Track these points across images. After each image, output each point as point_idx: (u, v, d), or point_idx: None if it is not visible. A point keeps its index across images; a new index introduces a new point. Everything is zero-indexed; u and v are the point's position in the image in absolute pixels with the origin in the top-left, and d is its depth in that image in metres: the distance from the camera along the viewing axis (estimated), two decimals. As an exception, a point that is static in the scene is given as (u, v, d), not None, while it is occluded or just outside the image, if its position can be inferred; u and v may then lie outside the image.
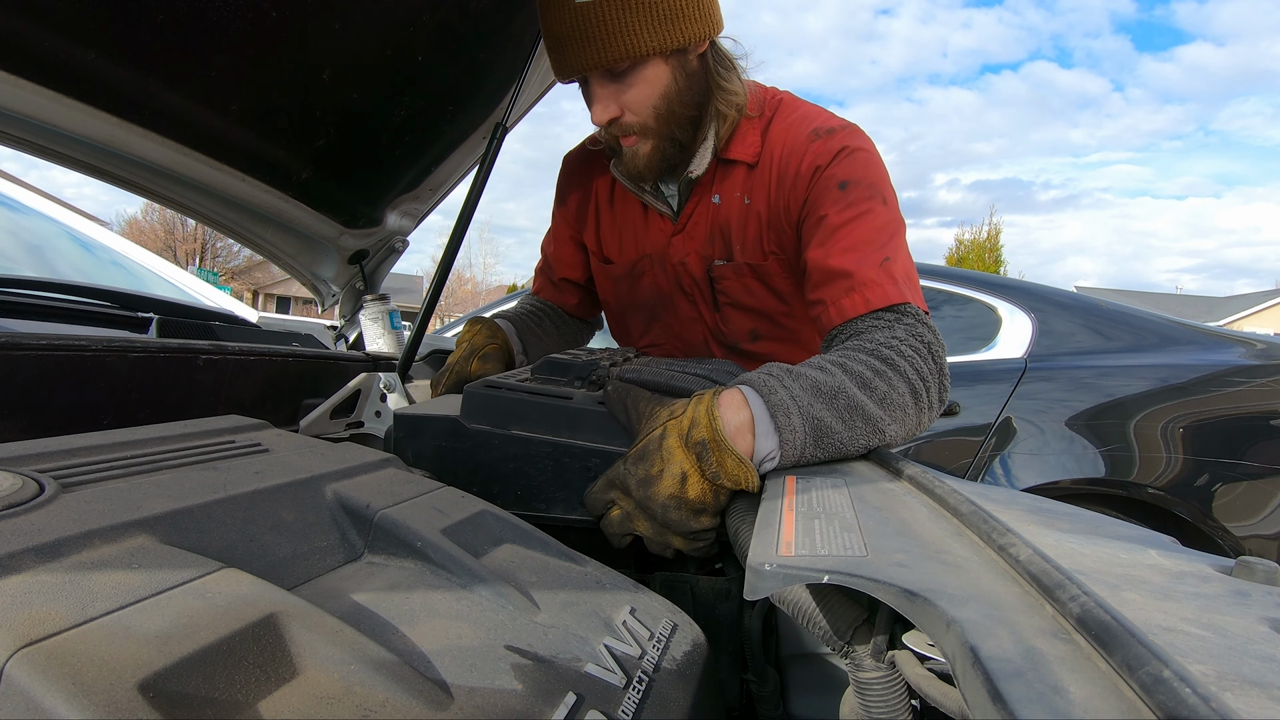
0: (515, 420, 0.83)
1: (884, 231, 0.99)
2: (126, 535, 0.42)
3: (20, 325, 1.07)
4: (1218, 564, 0.46)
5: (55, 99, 1.01)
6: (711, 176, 1.15)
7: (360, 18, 1.15)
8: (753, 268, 1.16)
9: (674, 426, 0.74)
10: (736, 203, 1.14)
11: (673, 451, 0.72)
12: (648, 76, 1.03)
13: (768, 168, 1.11)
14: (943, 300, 2.54)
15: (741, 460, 0.71)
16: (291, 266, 1.73)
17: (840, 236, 0.99)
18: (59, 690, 0.29)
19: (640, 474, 0.72)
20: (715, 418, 0.73)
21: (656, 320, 1.31)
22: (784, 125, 1.11)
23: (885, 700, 0.50)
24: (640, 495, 0.71)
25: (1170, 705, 0.26)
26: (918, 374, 0.86)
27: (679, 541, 0.72)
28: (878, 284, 0.95)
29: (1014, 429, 2.22)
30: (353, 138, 1.40)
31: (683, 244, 1.20)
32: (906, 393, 0.83)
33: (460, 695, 0.39)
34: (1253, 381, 2.23)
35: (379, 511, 0.55)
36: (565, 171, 1.36)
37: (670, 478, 0.71)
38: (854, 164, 1.04)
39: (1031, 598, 0.39)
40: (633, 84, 1.03)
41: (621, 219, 1.28)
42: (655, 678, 0.48)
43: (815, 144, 1.06)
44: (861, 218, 1.00)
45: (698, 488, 0.71)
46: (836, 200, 1.02)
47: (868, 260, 0.96)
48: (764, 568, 0.46)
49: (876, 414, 0.79)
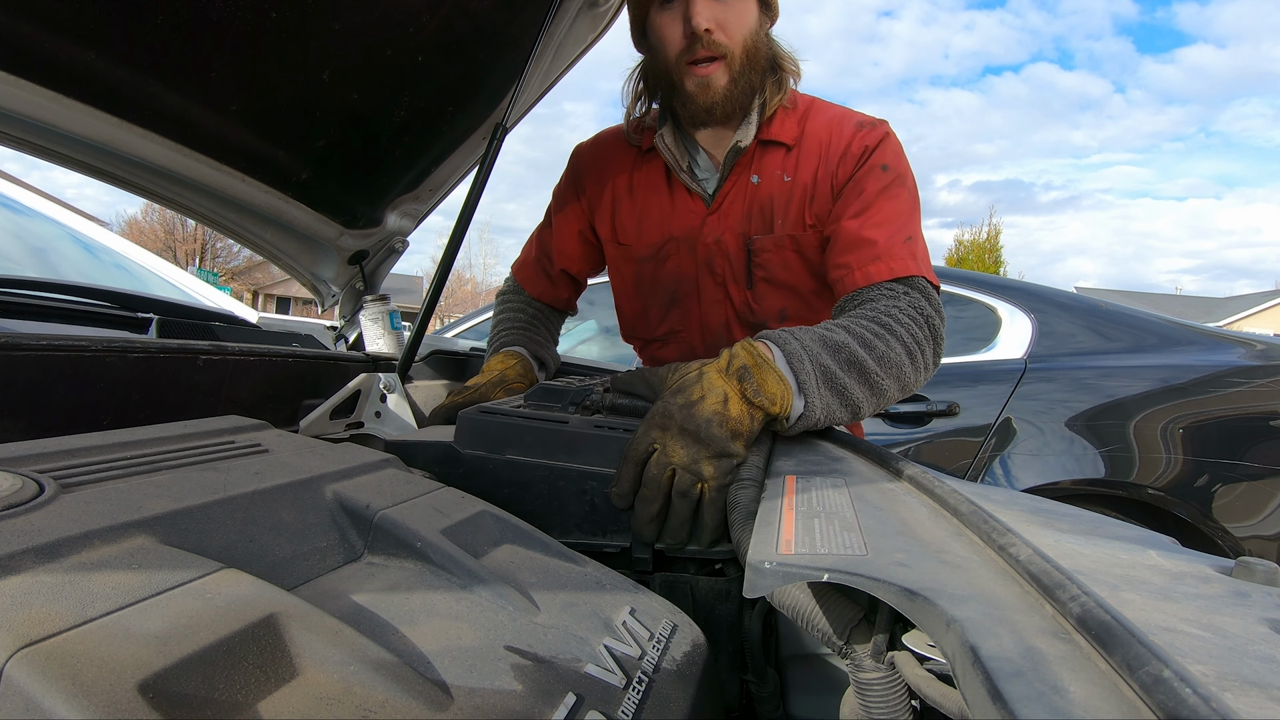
0: (510, 445, 0.83)
1: (911, 214, 1.13)
2: (126, 536, 0.42)
3: (20, 325, 1.07)
4: (1217, 564, 0.46)
5: (55, 99, 1.01)
6: (750, 157, 1.22)
7: (360, 18, 1.15)
8: (793, 239, 1.22)
9: (711, 366, 0.82)
10: (777, 180, 1.21)
11: (713, 380, 0.79)
12: (745, 8, 1.14)
13: (812, 148, 1.20)
14: (943, 300, 2.54)
15: (782, 378, 0.81)
16: (291, 267, 1.73)
17: (874, 211, 1.12)
18: (59, 691, 0.29)
19: (682, 400, 0.77)
20: (754, 348, 0.84)
21: (677, 305, 1.33)
22: (823, 117, 1.22)
23: (885, 701, 0.50)
24: (683, 416, 0.76)
25: (1170, 705, 0.26)
26: (913, 338, 0.99)
27: (710, 468, 0.73)
28: (900, 257, 1.08)
29: (1014, 429, 2.22)
30: (353, 138, 1.39)
31: (717, 223, 1.25)
32: (903, 353, 0.97)
33: (460, 696, 0.39)
34: (1252, 382, 2.23)
35: (379, 512, 0.55)
36: (579, 162, 1.39)
37: (714, 398, 0.77)
38: (893, 152, 1.17)
39: (1031, 597, 0.39)
40: (733, 6, 1.13)
41: (643, 205, 1.30)
42: (655, 678, 0.48)
43: (863, 131, 1.18)
44: (895, 199, 1.13)
45: (739, 407, 0.78)
46: (879, 179, 1.14)
47: (896, 235, 1.09)
48: (764, 566, 0.46)
49: (874, 369, 0.92)
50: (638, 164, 1.31)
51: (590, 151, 1.38)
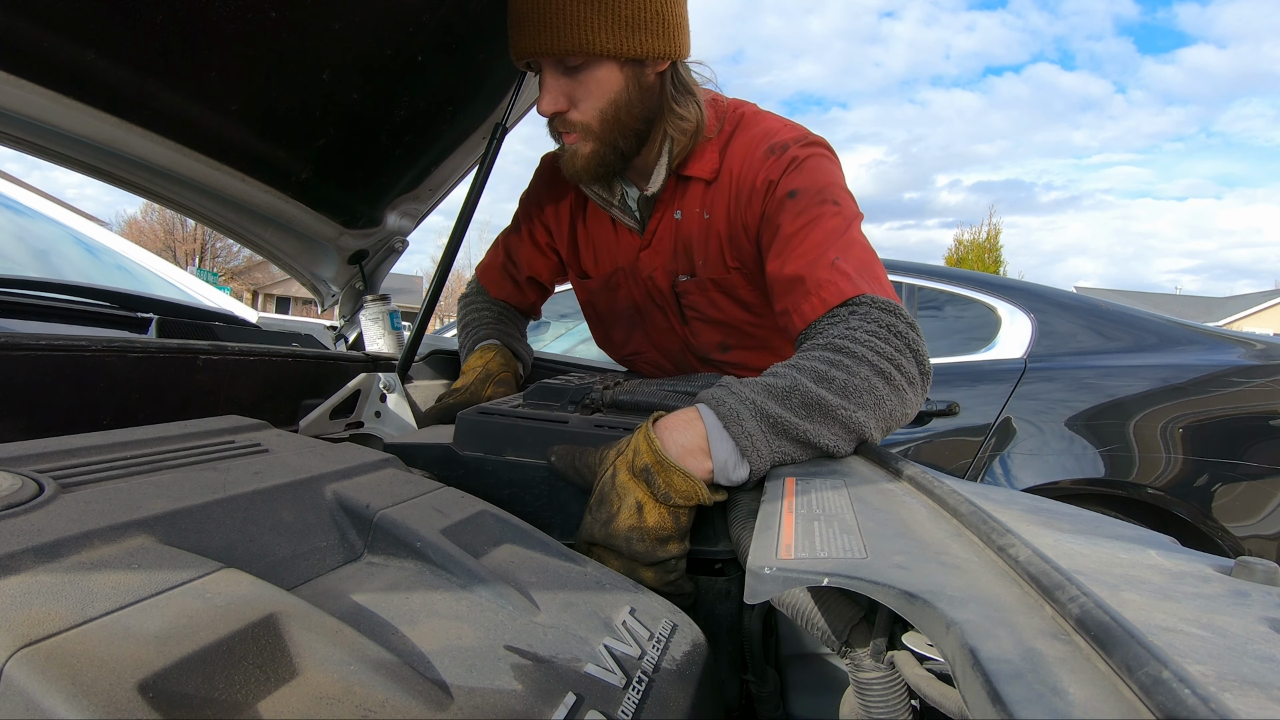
0: (509, 446, 0.83)
1: (834, 233, 1.00)
2: (126, 535, 0.42)
3: (20, 325, 1.07)
4: (1217, 564, 0.46)
5: (55, 99, 1.01)
6: (672, 193, 1.15)
7: (360, 17, 1.15)
8: (715, 282, 1.16)
9: (622, 462, 0.75)
10: (697, 218, 1.14)
11: (625, 485, 0.73)
12: (600, 78, 1.03)
13: (726, 183, 1.11)
14: (943, 300, 2.54)
15: (688, 475, 0.71)
16: (291, 266, 1.73)
17: (793, 245, 1.00)
18: (59, 690, 0.29)
19: (602, 517, 0.73)
20: (653, 440, 0.73)
21: (636, 329, 1.32)
22: (743, 142, 1.11)
23: (885, 700, 0.50)
24: (603, 536, 0.72)
25: (1169, 706, 0.26)
26: (879, 355, 0.85)
27: (649, 575, 0.72)
28: (831, 283, 0.95)
29: (1014, 429, 2.22)
30: (353, 138, 1.39)
31: (650, 258, 1.20)
32: (871, 375, 0.83)
33: (460, 695, 0.39)
34: (1252, 381, 2.23)
35: (379, 512, 0.55)
36: (543, 175, 1.34)
37: (627, 511, 0.71)
38: (802, 173, 1.05)
39: (1031, 598, 0.39)
40: (584, 82, 1.03)
41: (595, 233, 1.27)
42: (655, 678, 0.48)
43: (769, 160, 1.07)
44: (812, 224, 1.01)
45: (655, 514, 0.71)
46: (788, 210, 1.03)
47: (820, 263, 0.97)
48: (764, 571, 0.46)
49: (838, 403, 0.79)
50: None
51: (552, 167, 1.32)
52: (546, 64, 1.03)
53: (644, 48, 1.02)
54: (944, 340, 2.43)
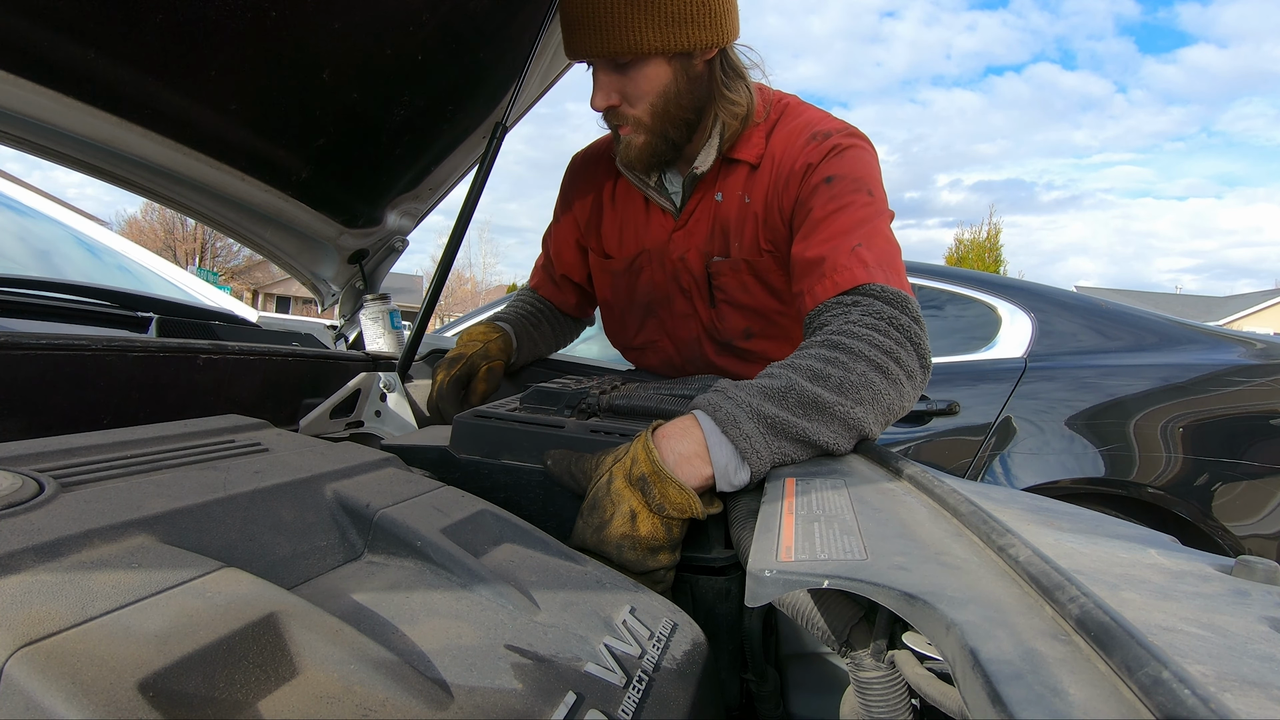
0: (505, 449, 0.83)
1: (863, 221, 1.01)
2: (126, 535, 0.42)
3: (20, 325, 1.07)
4: (1218, 564, 0.46)
5: (55, 99, 1.01)
6: (715, 174, 1.18)
7: (360, 17, 1.15)
8: (749, 264, 1.19)
9: (619, 469, 0.74)
10: (737, 201, 1.17)
11: (620, 492, 0.72)
12: (649, 74, 1.07)
13: (769, 169, 1.14)
14: (943, 300, 2.54)
15: (683, 488, 0.71)
16: (291, 266, 1.73)
17: (821, 229, 1.03)
18: (59, 690, 0.29)
19: (595, 522, 0.72)
20: (651, 450, 0.73)
21: (652, 316, 1.33)
22: (787, 129, 1.15)
23: (885, 700, 0.50)
24: (595, 542, 0.71)
25: (1169, 706, 0.26)
26: (877, 349, 0.86)
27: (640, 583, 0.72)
28: (847, 268, 0.97)
29: (1014, 429, 2.22)
30: (353, 138, 1.39)
31: (683, 239, 1.23)
32: (867, 370, 0.84)
33: (460, 695, 0.39)
34: (1253, 381, 2.23)
35: (379, 511, 0.55)
36: (571, 173, 1.40)
37: (620, 518, 0.71)
38: (842, 160, 1.08)
39: (1031, 599, 0.39)
40: (634, 78, 1.08)
41: (623, 214, 1.30)
42: (655, 677, 0.48)
43: (810, 145, 1.10)
44: (843, 210, 1.03)
45: (648, 524, 0.71)
46: (822, 194, 1.06)
47: (841, 248, 0.99)
48: (764, 574, 0.46)
49: (834, 400, 0.80)
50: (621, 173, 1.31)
51: (581, 161, 1.39)
52: (598, 62, 1.09)
53: (690, 40, 1.05)
54: (944, 339, 2.43)
